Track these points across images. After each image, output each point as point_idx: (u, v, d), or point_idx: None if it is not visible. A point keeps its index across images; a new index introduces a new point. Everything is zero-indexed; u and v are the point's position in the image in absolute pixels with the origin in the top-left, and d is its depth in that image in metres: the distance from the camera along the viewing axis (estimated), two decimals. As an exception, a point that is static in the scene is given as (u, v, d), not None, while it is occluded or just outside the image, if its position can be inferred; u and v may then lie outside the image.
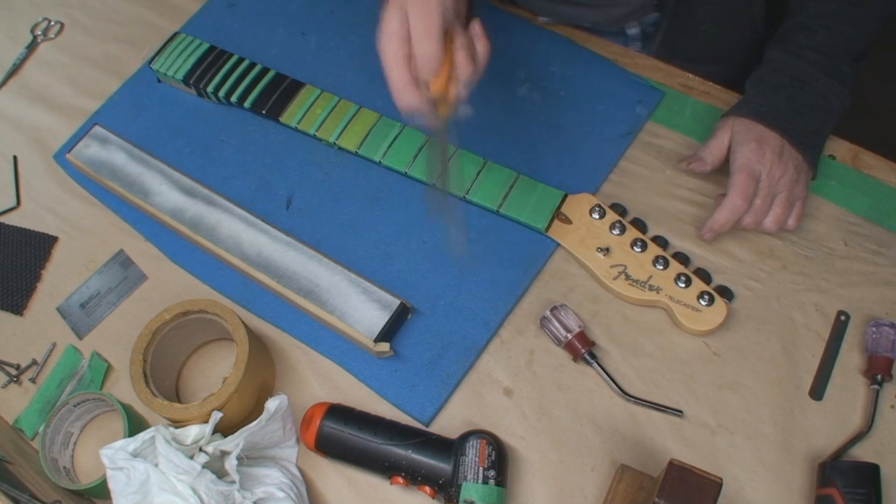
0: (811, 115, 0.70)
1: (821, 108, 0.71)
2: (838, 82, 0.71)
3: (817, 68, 0.71)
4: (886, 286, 0.70)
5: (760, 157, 0.68)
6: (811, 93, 0.71)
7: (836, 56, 0.71)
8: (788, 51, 0.72)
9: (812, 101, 0.71)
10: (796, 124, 0.70)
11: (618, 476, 0.63)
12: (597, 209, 0.72)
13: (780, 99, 0.70)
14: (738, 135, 0.70)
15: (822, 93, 0.71)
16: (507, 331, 0.71)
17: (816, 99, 0.71)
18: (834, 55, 0.71)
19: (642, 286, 0.69)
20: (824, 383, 0.66)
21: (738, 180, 0.68)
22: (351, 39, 0.88)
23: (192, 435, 0.61)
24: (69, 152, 0.82)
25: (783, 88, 0.71)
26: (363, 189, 0.78)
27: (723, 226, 0.69)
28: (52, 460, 0.67)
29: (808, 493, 0.63)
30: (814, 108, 0.71)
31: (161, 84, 0.87)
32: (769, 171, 0.68)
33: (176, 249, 0.77)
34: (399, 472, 0.63)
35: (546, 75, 0.82)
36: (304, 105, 0.80)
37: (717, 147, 0.72)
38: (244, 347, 0.64)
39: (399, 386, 0.69)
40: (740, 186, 0.68)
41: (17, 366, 0.75)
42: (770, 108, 0.70)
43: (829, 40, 0.71)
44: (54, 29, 0.95)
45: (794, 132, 0.69)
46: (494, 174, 0.75)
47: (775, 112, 0.70)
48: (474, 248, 0.74)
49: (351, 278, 0.71)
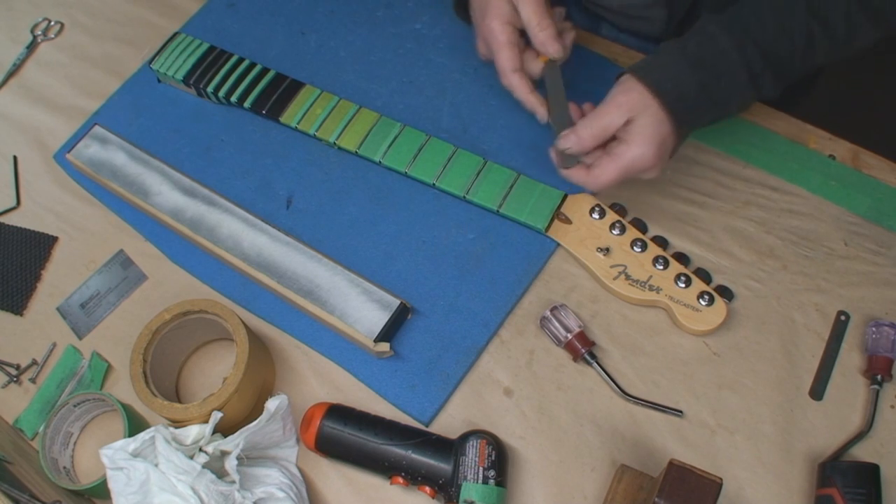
0: (709, 111, 0.66)
1: (722, 106, 0.66)
2: (754, 91, 0.65)
3: (746, 67, 0.64)
4: (886, 286, 0.70)
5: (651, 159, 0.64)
6: (724, 88, 0.64)
7: (772, 64, 0.65)
8: (730, 33, 0.64)
9: (720, 97, 0.65)
10: (693, 117, 0.65)
11: (618, 476, 0.63)
12: (597, 209, 0.72)
13: (691, 81, 0.64)
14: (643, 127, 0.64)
15: (733, 93, 0.65)
16: (507, 331, 0.71)
17: (724, 96, 0.65)
18: (771, 62, 0.65)
19: (642, 286, 0.69)
20: (824, 383, 0.66)
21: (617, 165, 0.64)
22: (351, 39, 0.88)
23: (192, 435, 0.61)
24: (69, 152, 0.82)
25: (700, 69, 0.64)
26: (363, 189, 0.78)
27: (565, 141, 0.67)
28: (52, 460, 0.67)
29: (808, 493, 0.63)
30: (717, 103, 0.65)
31: (161, 84, 0.87)
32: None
33: (176, 249, 0.77)
34: (399, 472, 0.63)
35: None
36: (304, 105, 0.80)
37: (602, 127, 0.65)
38: (244, 347, 0.64)
39: (399, 386, 0.69)
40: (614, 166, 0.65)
41: (17, 366, 0.75)
42: (676, 86, 0.64)
43: (776, 45, 0.64)
44: (54, 29, 0.95)
45: (686, 124, 0.65)
46: (494, 174, 0.75)
47: (678, 94, 0.63)
48: (474, 248, 0.74)
49: (351, 278, 0.71)
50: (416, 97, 0.82)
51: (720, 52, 0.64)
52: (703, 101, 0.65)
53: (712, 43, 0.64)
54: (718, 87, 0.64)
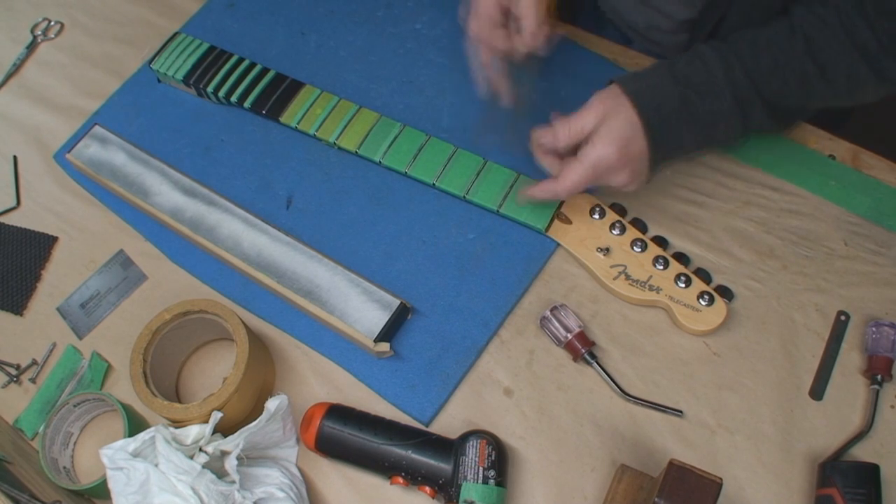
0: (690, 129, 0.65)
1: (704, 127, 0.64)
2: (741, 119, 0.65)
3: (732, 91, 0.63)
4: (886, 286, 0.70)
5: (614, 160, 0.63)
6: (708, 108, 0.64)
7: (763, 96, 0.64)
8: (722, 58, 0.64)
9: (702, 116, 0.64)
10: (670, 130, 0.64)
11: (618, 476, 0.63)
12: (597, 209, 0.72)
13: (672, 94, 0.63)
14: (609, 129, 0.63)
15: (718, 116, 0.64)
16: (507, 331, 0.71)
17: (708, 117, 0.64)
18: (762, 94, 0.64)
19: (642, 286, 0.69)
20: (824, 383, 0.66)
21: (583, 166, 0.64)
22: (351, 39, 0.88)
23: (192, 435, 0.61)
24: (69, 152, 0.82)
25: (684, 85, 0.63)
26: (363, 189, 0.78)
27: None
28: (52, 460, 0.67)
29: (808, 493, 0.63)
30: (699, 122, 0.64)
31: (161, 84, 0.87)
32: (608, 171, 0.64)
33: (176, 249, 0.77)
34: (399, 472, 0.63)
35: (546, 75, 0.82)
36: (304, 105, 0.80)
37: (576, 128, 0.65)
38: (244, 347, 0.64)
39: (399, 386, 0.69)
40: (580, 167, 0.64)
41: (17, 366, 0.75)
42: (655, 96, 0.63)
43: (768, 78, 0.64)
44: (54, 29, 0.95)
45: (663, 137, 0.64)
46: (494, 174, 0.75)
47: (656, 104, 0.63)
48: (474, 248, 0.74)
49: (351, 278, 0.71)
50: (416, 97, 0.82)
51: (707, 72, 0.64)
52: (682, 116, 0.64)
53: (702, 63, 0.64)
54: (702, 106, 0.64)
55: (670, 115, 0.64)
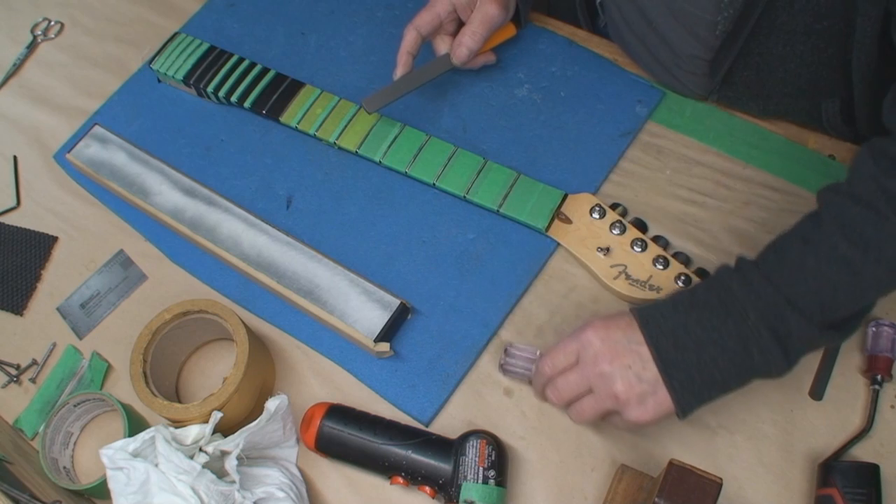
0: (716, 364, 0.56)
1: (738, 360, 0.55)
2: (779, 346, 0.54)
3: (761, 318, 0.54)
4: (886, 286, 0.70)
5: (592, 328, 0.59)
6: (735, 335, 0.55)
7: (795, 302, 0.54)
8: (743, 278, 0.56)
9: (730, 345, 0.55)
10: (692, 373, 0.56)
11: (618, 476, 0.63)
12: (597, 209, 0.72)
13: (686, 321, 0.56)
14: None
15: (747, 344, 0.55)
16: (507, 331, 0.71)
17: (736, 343, 0.55)
18: (793, 301, 0.54)
19: (642, 286, 0.69)
20: (824, 383, 0.66)
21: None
22: (351, 39, 0.88)
23: (192, 435, 0.61)
24: (69, 152, 0.82)
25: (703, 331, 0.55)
26: (363, 189, 0.78)
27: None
28: (52, 460, 0.67)
29: (808, 493, 0.63)
30: (725, 353, 0.55)
31: (161, 84, 0.87)
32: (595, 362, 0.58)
33: (176, 249, 0.77)
34: (399, 472, 0.63)
35: (546, 75, 0.82)
36: (304, 105, 0.80)
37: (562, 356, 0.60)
38: (244, 347, 0.64)
39: (399, 386, 0.69)
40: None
41: (17, 366, 0.75)
42: (665, 329, 0.56)
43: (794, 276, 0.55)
44: (54, 29, 0.95)
45: (679, 377, 0.56)
46: (494, 174, 0.75)
47: (673, 341, 0.56)
48: (474, 248, 0.74)
49: (351, 278, 0.71)
50: (416, 97, 0.82)
51: (728, 293, 0.56)
52: (706, 356, 0.56)
53: (725, 291, 0.57)
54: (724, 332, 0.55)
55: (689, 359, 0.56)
